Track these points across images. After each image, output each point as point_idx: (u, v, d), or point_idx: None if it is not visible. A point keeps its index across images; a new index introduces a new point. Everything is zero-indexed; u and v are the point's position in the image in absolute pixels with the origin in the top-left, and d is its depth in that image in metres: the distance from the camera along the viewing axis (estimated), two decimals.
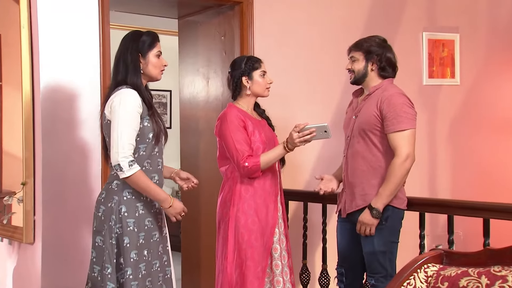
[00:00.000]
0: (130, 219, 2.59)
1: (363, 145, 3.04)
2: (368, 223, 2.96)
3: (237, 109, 3.11)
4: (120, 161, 2.52)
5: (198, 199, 4.43)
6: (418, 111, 3.13)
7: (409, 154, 2.94)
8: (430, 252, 2.18)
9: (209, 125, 4.31)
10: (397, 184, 2.94)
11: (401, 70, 3.21)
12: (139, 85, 2.66)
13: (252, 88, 3.13)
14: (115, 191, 2.62)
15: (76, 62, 3.43)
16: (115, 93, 2.62)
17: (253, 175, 3.00)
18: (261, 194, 3.06)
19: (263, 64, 3.18)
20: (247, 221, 3.02)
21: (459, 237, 4.61)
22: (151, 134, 2.64)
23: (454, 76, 5.19)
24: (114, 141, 2.54)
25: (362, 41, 3.13)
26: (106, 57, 3.47)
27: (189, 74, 4.59)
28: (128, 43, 2.69)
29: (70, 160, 3.39)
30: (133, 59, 2.66)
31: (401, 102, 2.98)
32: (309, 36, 4.43)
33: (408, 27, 4.92)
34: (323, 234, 3.73)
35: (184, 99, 4.67)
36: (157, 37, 2.75)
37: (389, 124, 2.94)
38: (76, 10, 3.43)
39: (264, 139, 3.08)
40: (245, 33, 4.09)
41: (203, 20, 4.44)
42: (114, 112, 2.57)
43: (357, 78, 3.12)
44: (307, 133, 2.89)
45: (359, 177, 3.05)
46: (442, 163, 5.13)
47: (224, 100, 4.22)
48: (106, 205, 2.62)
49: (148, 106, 2.65)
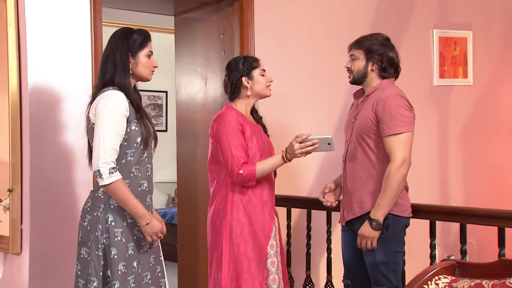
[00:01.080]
0: (118, 228, 2.57)
1: (360, 150, 3.03)
2: (369, 236, 2.94)
3: (235, 111, 3.09)
4: (100, 167, 2.49)
5: (196, 206, 4.42)
6: (428, 113, 3.12)
7: (405, 158, 2.91)
8: (441, 262, 2.16)
9: (207, 128, 4.26)
10: (395, 192, 2.92)
11: (410, 70, 3.21)
12: (127, 86, 2.64)
13: (253, 88, 3.12)
14: (101, 199, 2.60)
15: (67, 62, 3.43)
16: (101, 95, 2.60)
17: (247, 183, 2.99)
18: (257, 203, 3.04)
19: (261, 62, 3.18)
20: (243, 231, 3.00)
21: (472, 247, 4.61)
22: (139, 139, 2.62)
23: (466, 76, 5.19)
24: (96, 145, 2.52)
25: (363, 39, 3.11)
26: (98, 56, 3.45)
27: (186, 74, 4.59)
28: (117, 41, 2.67)
29: (60, 166, 3.38)
30: (122, 59, 2.64)
31: (397, 104, 2.94)
32: (313, 34, 4.43)
33: (418, 24, 4.92)
34: (328, 244, 3.72)
35: (180, 101, 4.67)
36: (149, 36, 2.74)
37: (384, 128, 2.93)
38: (67, 7, 3.42)
39: (261, 146, 3.07)
40: (245, 31, 4.09)
41: (201, 17, 4.44)
42: (98, 115, 2.56)
43: (356, 78, 3.11)
44: (309, 144, 2.88)
45: (357, 183, 3.04)
46: (454, 168, 5.12)
47: (223, 102, 4.20)
48: (92, 214, 2.60)
49: (136, 109, 2.63)
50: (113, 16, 6.17)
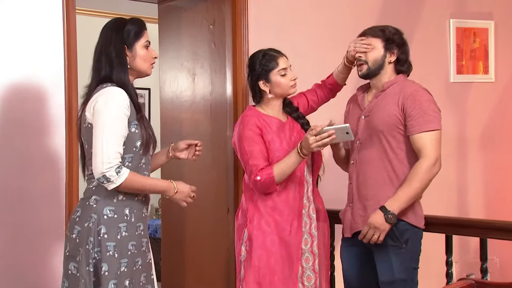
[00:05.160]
0: (111, 242, 2.58)
1: (379, 150, 3.05)
2: (380, 227, 2.95)
3: (256, 113, 3.15)
4: (105, 172, 2.52)
5: (182, 218, 4.43)
6: (444, 114, 3.15)
7: (438, 158, 2.97)
8: (458, 282, 2.17)
9: (195, 130, 4.32)
10: (420, 190, 2.97)
11: (424, 65, 3.23)
12: (127, 83, 2.67)
13: (273, 91, 3.16)
14: (94, 208, 2.61)
15: (35, 56, 3.43)
16: (99, 92, 2.62)
17: (269, 189, 3.05)
18: (283, 210, 3.08)
19: (283, 57, 3.18)
20: (265, 240, 3.05)
21: (494, 264, 4.61)
22: (139, 142, 2.64)
23: (487, 72, 5.21)
24: (98, 149, 2.53)
25: (381, 27, 3.15)
26: (72, 49, 3.47)
27: (171, 69, 4.60)
28: (110, 34, 2.70)
29: (28, 173, 3.38)
30: (118, 53, 2.67)
31: (427, 98, 3.02)
32: (314, 25, 4.44)
33: (432, 14, 4.94)
34: (331, 260, 3.73)
35: (165, 99, 4.67)
36: (144, 25, 2.77)
37: (415, 124, 2.97)
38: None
39: (286, 147, 3.10)
40: (238, 21, 4.10)
41: (188, 5, 4.44)
42: (98, 114, 2.57)
43: (372, 69, 3.12)
44: (326, 135, 2.90)
45: (372, 188, 3.06)
46: (473, 175, 5.13)
47: (213, 100, 4.22)
48: (82, 225, 2.61)
49: (136, 109, 2.66)
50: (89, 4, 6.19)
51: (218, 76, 4.19)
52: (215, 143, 4.15)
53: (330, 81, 3.43)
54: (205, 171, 4.21)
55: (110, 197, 2.62)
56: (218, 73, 4.19)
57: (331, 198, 3.47)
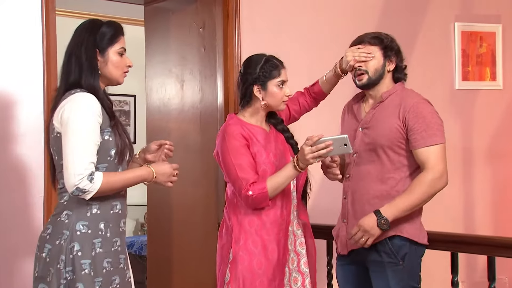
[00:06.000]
0: (85, 260, 2.56)
1: (378, 165, 3.06)
2: (370, 231, 2.95)
3: (240, 122, 3.12)
4: (77, 184, 2.49)
5: (169, 234, 4.41)
6: (449, 123, 3.16)
7: (444, 172, 2.97)
8: None
9: (183, 140, 4.30)
10: (420, 201, 2.97)
11: (427, 71, 3.24)
12: (97, 88, 2.64)
13: (265, 99, 3.13)
14: (66, 224, 2.59)
15: (12, 60, 3.42)
16: (67, 99, 2.60)
17: (261, 205, 3.01)
18: (271, 228, 3.05)
19: (284, 70, 3.15)
20: (252, 262, 3.01)
21: (503, 284, 4.61)
22: (113, 151, 2.62)
23: (495, 78, 5.22)
24: (69, 161, 2.51)
25: (376, 34, 3.17)
26: (51, 53, 3.46)
27: (158, 75, 4.60)
28: (83, 35, 2.68)
29: (2, 185, 3.37)
30: (88, 56, 2.65)
31: (430, 110, 3.03)
32: (311, 29, 4.44)
33: (436, 16, 4.95)
34: (328, 279, 3.72)
35: (152, 107, 4.67)
36: (121, 30, 2.75)
37: (419, 138, 2.97)
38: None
39: (273, 159, 3.08)
40: (230, 24, 4.10)
41: (177, 7, 4.45)
42: (67, 123, 2.55)
43: (373, 79, 3.13)
44: (322, 146, 2.87)
45: (370, 204, 3.05)
46: (481, 189, 5.14)
47: (202, 109, 4.21)
48: (53, 242, 2.58)
49: (109, 115, 2.64)
50: (71, 5, 6.18)
51: (208, 82, 4.18)
52: (204, 154, 4.14)
53: (315, 89, 3.41)
54: (193, 184, 4.20)
55: (83, 211, 2.59)
56: (208, 79, 4.19)
57: (326, 212, 3.46)
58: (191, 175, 4.14)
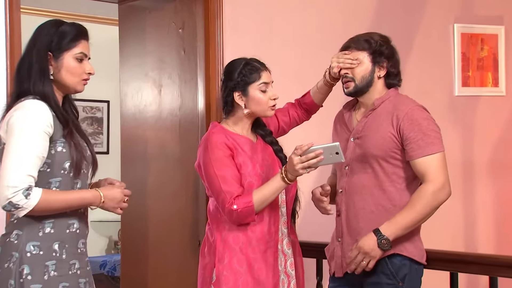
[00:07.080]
0: (36, 284, 2.53)
1: (372, 177, 3.06)
2: (371, 253, 2.95)
3: (224, 131, 3.11)
4: (10, 198, 2.45)
5: (145, 253, 4.39)
6: (449, 132, 3.17)
7: (446, 182, 2.98)
8: None
9: (161, 150, 4.29)
10: (423, 216, 2.97)
11: (425, 76, 3.25)
12: (48, 95, 2.61)
13: (248, 106, 3.12)
14: (15, 245, 2.56)
15: None
16: (16, 106, 2.57)
17: (246, 220, 2.99)
18: (257, 245, 3.04)
19: (266, 72, 3.14)
20: (237, 282, 2.99)
21: None
22: (68, 164, 2.59)
23: (497, 84, 5.25)
24: (5, 172, 2.47)
25: (365, 37, 3.16)
26: (16, 53, 3.42)
27: (133, 79, 4.59)
28: (37, 36, 2.65)
29: None
30: (39, 60, 2.62)
31: (425, 117, 3.04)
32: (301, 30, 4.45)
33: (434, 18, 4.98)
34: None
35: (126, 114, 4.65)
36: (84, 33, 2.71)
37: (415, 148, 2.98)
38: None
39: (259, 171, 3.08)
40: (211, 24, 4.10)
41: (154, 6, 4.45)
42: (10, 132, 2.52)
43: (360, 87, 3.14)
44: (312, 156, 2.87)
45: (366, 220, 3.05)
46: (482, 204, 5.15)
47: (182, 116, 4.20)
48: (2, 265, 2.56)
49: (63, 124, 2.61)
50: (40, 3, 6.16)
51: (188, 88, 4.18)
52: (184, 166, 4.12)
53: (306, 100, 3.41)
54: (172, 198, 4.19)
55: (35, 231, 2.56)
56: (188, 84, 4.18)
57: (315, 226, 3.46)
58: (170, 189, 4.13)
